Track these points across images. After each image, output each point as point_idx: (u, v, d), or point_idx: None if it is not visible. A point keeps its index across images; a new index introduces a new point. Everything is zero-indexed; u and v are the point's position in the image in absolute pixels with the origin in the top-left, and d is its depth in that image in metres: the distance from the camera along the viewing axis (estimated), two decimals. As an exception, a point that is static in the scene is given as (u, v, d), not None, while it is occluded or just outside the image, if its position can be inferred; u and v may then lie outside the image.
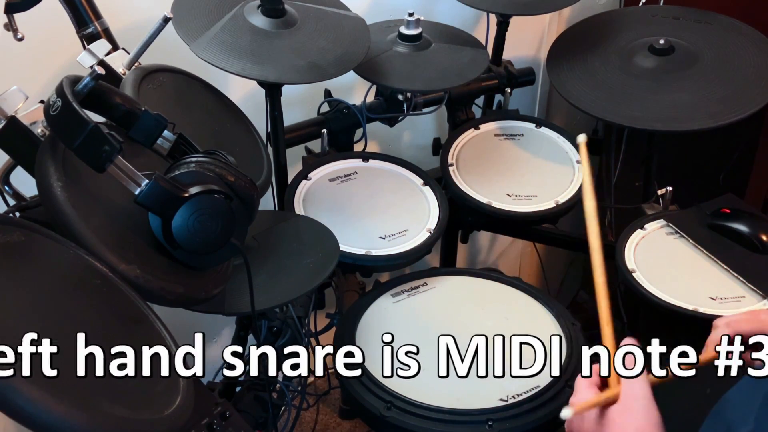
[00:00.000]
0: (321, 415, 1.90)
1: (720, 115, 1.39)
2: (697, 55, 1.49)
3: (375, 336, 1.23)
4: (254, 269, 1.01)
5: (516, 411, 1.11)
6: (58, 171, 0.88)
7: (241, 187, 0.94)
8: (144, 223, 0.92)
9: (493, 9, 1.59)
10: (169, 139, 0.97)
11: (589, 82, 1.50)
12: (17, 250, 0.82)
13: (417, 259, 1.33)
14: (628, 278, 1.29)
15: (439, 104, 1.58)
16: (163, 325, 0.90)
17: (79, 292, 0.84)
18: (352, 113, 1.52)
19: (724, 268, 1.30)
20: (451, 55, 1.48)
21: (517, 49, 1.81)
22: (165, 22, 1.14)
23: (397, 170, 1.47)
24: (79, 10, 1.16)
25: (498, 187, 1.47)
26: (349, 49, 1.33)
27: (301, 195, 1.38)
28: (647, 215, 1.42)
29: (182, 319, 1.16)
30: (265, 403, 1.28)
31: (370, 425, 1.17)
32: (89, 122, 0.84)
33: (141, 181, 0.88)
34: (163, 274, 0.91)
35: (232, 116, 1.31)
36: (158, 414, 0.78)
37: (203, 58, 1.22)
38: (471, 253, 2.16)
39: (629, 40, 1.56)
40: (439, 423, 1.10)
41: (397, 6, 1.62)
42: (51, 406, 0.67)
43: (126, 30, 1.29)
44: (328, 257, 1.19)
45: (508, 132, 1.60)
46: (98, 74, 0.90)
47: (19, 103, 0.96)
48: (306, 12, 1.35)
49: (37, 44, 1.18)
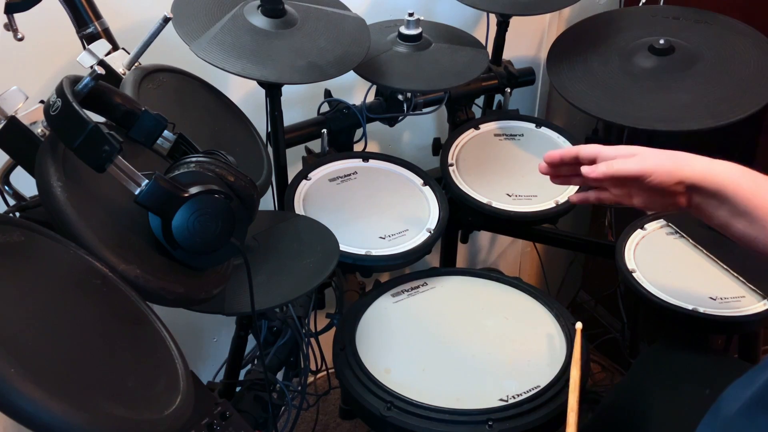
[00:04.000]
0: (321, 415, 1.90)
1: (720, 115, 1.39)
2: (697, 55, 1.49)
3: (375, 336, 1.24)
4: (254, 269, 1.02)
5: (516, 411, 1.11)
6: (58, 171, 0.88)
7: (241, 187, 0.94)
8: (144, 223, 0.92)
9: (493, 9, 1.59)
10: (169, 139, 0.97)
11: (589, 82, 1.50)
12: (17, 250, 0.82)
13: (417, 259, 1.33)
14: (628, 278, 1.29)
15: (439, 104, 1.58)
16: (163, 325, 0.90)
17: (79, 292, 0.84)
18: (352, 113, 1.52)
19: (724, 268, 1.30)
20: (451, 55, 1.48)
21: (517, 49, 1.81)
22: (165, 22, 1.14)
23: (397, 170, 1.47)
24: (79, 10, 1.16)
25: (498, 187, 1.47)
26: (349, 49, 1.33)
27: (301, 195, 1.38)
28: (647, 215, 1.42)
29: (182, 319, 1.16)
30: (265, 403, 1.28)
31: (370, 425, 1.17)
32: (89, 122, 0.84)
33: (141, 181, 0.88)
34: (163, 274, 0.91)
35: (232, 116, 1.31)
36: (158, 414, 0.78)
37: (203, 58, 1.22)
38: (471, 253, 2.16)
39: (629, 40, 1.56)
40: (439, 423, 1.10)
41: (397, 6, 1.62)
42: (51, 406, 0.67)
43: (126, 30, 1.29)
44: (328, 257, 1.19)
45: (508, 132, 1.60)
46: (98, 74, 0.90)
47: (19, 103, 0.96)
48: (306, 12, 1.35)
49: (37, 44, 1.18)
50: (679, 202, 0.96)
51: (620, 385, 1.26)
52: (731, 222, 0.92)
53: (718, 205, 0.92)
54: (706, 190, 0.92)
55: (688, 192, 0.94)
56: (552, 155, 1.05)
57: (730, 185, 0.91)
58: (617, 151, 0.98)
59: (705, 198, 0.93)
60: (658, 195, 0.96)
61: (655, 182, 0.94)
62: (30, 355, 0.71)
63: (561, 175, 1.07)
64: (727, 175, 0.92)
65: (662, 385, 1.17)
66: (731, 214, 0.91)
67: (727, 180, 0.91)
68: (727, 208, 0.91)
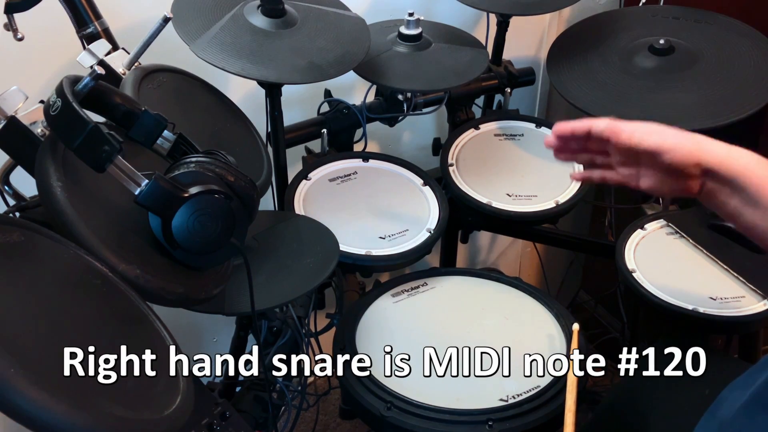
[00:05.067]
0: (321, 415, 1.89)
1: (720, 115, 1.39)
2: (697, 55, 1.49)
3: (375, 336, 1.24)
4: (254, 269, 1.01)
5: (516, 411, 1.11)
6: (58, 171, 0.88)
7: (241, 187, 0.94)
8: (144, 223, 0.92)
9: (493, 9, 1.59)
10: (169, 139, 0.97)
11: (589, 82, 1.50)
12: (17, 250, 0.82)
13: (417, 259, 1.33)
14: (628, 278, 1.29)
15: (439, 104, 1.58)
16: (163, 325, 0.90)
17: (79, 292, 0.84)
18: (352, 113, 1.52)
19: (724, 268, 1.30)
20: (451, 55, 1.48)
21: (517, 49, 1.81)
22: (165, 22, 1.14)
23: (397, 170, 1.47)
24: (79, 10, 1.16)
25: (498, 187, 1.47)
26: (349, 49, 1.33)
27: (301, 195, 1.38)
28: (647, 215, 1.42)
29: (182, 319, 1.16)
30: (265, 403, 1.28)
31: (370, 425, 1.17)
32: (89, 122, 0.84)
33: (141, 181, 0.88)
34: (163, 274, 0.91)
35: (232, 116, 1.31)
36: (158, 414, 0.78)
37: (203, 58, 1.22)
38: (471, 253, 2.16)
39: (629, 40, 1.56)
40: (439, 423, 1.10)
41: (397, 6, 1.62)
42: (51, 406, 0.67)
43: (126, 30, 1.29)
44: (328, 257, 1.19)
45: (508, 132, 1.60)
46: (98, 74, 0.90)
47: (19, 103, 0.96)
48: (306, 12, 1.35)
49: (37, 44, 1.18)
50: (691, 186, 0.92)
51: (620, 385, 1.25)
52: (742, 211, 0.89)
53: (731, 193, 0.89)
54: (722, 176, 0.89)
55: (703, 176, 0.91)
56: (562, 127, 1.00)
57: (746, 173, 0.88)
58: (634, 126, 0.94)
59: (719, 184, 0.90)
60: (670, 176, 0.93)
61: (674, 160, 0.90)
62: (30, 355, 0.71)
63: (567, 150, 1.02)
64: (745, 162, 0.88)
65: (662, 385, 1.16)
66: (743, 203, 0.88)
67: (744, 168, 0.88)
68: (741, 196, 0.88)
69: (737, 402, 0.80)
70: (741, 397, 0.80)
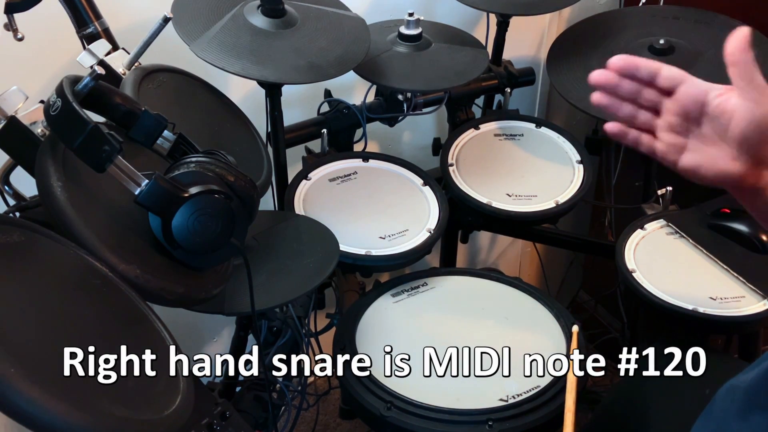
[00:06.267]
0: (321, 415, 1.90)
1: (720, 115, 1.39)
2: (697, 55, 1.49)
3: (375, 336, 1.24)
4: (254, 269, 1.02)
5: (516, 411, 1.11)
6: (58, 171, 0.88)
7: (241, 187, 0.94)
8: (144, 223, 0.92)
9: (493, 9, 1.59)
10: (169, 139, 0.97)
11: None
12: (17, 250, 0.82)
13: (417, 259, 1.33)
14: (628, 278, 1.29)
15: (439, 104, 1.58)
16: (163, 325, 0.90)
17: (79, 292, 0.84)
18: (352, 113, 1.52)
19: (724, 268, 1.30)
20: (451, 55, 1.48)
21: (517, 49, 1.81)
22: (165, 22, 1.14)
23: (397, 170, 1.47)
24: (79, 10, 1.16)
25: (498, 187, 1.47)
26: (349, 49, 1.33)
27: (301, 195, 1.38)
28: (647, 215, 1.42)
29: (182, 319, 1.16)
30: (265, 403, 1.28)
31: (370, 425, 1.17)
32: (89, 122, 0.84)
33: (141, 181, 0.88)
34: (163, 274, 0.91)
35: (232, 116, 1.31)
36: (158, 414, 0.78)
37: (203, 58, 1.22)
38: (471, 253, 2.16)
39: (629, 40, 1.56)
40: (439, 423, 1.10)
41: (397, 6, 1.62)
42: (51, 406, 0.67)
43: (126, 30, 1.29)
44: (328, 257, 1.19)
45: (508, 132, 1.60)
46: (98, 74, 0.90)
47: (19, 103, 0.96)
48: (306, 12, 1.35)
49: (37, 44, 1.18)
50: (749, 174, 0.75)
51: (620, 385, 1.25)
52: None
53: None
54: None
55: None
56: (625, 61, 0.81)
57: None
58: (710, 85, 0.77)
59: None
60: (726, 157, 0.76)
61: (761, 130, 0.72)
62: (30, 355, 0.71)
63: (614, 94, 0.83)
64: None
65: (662, 385, 1.16)
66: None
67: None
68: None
69: (732, 402, 0.80)
70: (735, 397, 0.79)
